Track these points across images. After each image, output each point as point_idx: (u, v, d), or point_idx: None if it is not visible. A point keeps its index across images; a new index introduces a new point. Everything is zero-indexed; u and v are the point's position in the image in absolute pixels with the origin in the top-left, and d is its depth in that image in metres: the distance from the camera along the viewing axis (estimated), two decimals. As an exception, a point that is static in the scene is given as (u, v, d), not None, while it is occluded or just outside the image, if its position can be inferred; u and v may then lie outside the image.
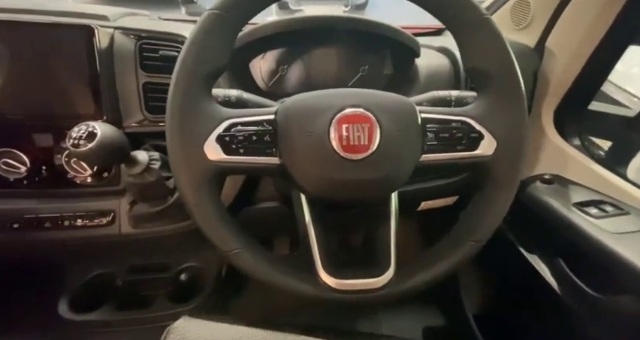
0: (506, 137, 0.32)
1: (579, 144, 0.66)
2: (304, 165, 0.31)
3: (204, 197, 0.30)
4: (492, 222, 0.34)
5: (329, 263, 0.33)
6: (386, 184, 0.32)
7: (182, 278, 0.72)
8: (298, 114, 0.31)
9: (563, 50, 0.61)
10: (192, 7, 1.43)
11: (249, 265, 0.31)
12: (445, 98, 0.42)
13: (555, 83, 0.64)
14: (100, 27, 0.45)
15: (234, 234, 0.32)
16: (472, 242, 0.34)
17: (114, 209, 0.50)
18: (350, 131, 0.30)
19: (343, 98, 0.31)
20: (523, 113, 0.32)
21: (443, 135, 0.33)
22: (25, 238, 0.49)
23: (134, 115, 0.49)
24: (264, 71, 0.59)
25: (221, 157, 0.30)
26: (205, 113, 0.31)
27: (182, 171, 0.30)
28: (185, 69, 0.30)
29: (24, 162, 0.47)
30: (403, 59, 0.60)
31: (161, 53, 0.48)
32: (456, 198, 0.76)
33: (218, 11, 0.30)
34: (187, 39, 0.31)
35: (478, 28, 0.31)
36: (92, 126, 0.35)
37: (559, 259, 0.53)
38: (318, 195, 0.33)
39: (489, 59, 0.32)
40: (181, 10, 1.34)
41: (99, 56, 0.45)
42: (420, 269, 0.34)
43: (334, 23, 0.55)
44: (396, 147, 0.31)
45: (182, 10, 1.33)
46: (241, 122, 0.31)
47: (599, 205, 0.52)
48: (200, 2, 1.57)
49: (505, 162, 0.33)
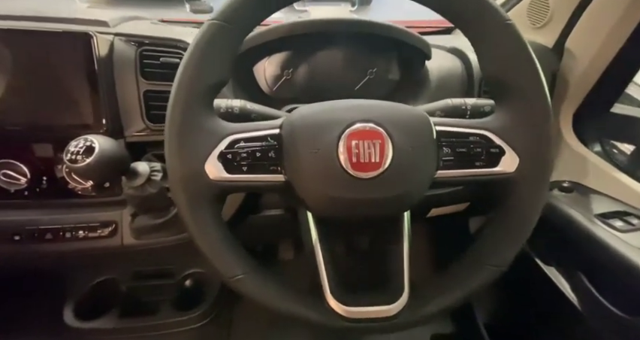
0: (530, 153, 0.30)
1: (600, 149, 0.62)
2: (311, 183, 0.29)
3: (205, 219, 0.29)
4: (514, 245, 0.31)
5: (338, 288, 0.31)
6: (398, 204, 0.30)
7: (187, 285, 0.71)
8: (304, 129, 0.29)
9: (585, 50, 0.57)
10: (197, 4, 1.41)
11: (253, 292, 0.30)
12: (459, 107, 0.40)
13: (575, 84, 0.60)
14: (99, 34, 0.43)
15: (237, 258, 0.30)
16: (493, 267, 0.31)
17: (116, 220, 0.49)
18: (360, 147, 0.28)
19: (352, 112, 0.29)
20: (548, 127, 0.30)
21: (460, 150, 0.30)
22: (27, 250, 0.48)
23: (135, 124, 0.47)
24: (269, 75, 0.58)
25: (223, 176, 0.29)
26: (206, 129, 0.29)
27: (181, 192, 0.28)
28: (185, 83, 0.28)
29: (24, 173, 0.46)
30: (413, 61, 0.58)
31: (162, 60, 0.46)
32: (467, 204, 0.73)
33: (219, 22, 0.28)
34: (187, 51, 0.29)
35: (500, 35, 0.29)
36: (90, 140, 0.34)
37: (580, 274, 0.51)
38: (325, 214, 0.31)
39: (512, 69, 0.29)
40: (185, 7, 1.32)
41: (98, 64, 0.43)
42: (436, 295, 0.32)
43: (341, 26, 0.52)
44: (410, 164, 0.29)
45: (187, 7, 1.32)
46: (244, 137, 0.29)
47: (623, 217, 0.49)
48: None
49: (529, 180, 0.30)
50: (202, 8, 1.34)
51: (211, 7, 1.23)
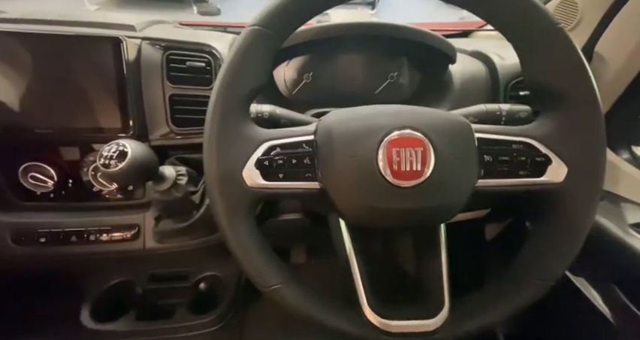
0: (579, 162, 0.28)
1: (629, 156, 0.60)
2: (347, 191, 0.28)
3: (242, 227, 0.28)
4: (565, 259, 0.30)
5: (375, 299, 0.30)
6: (438, 214, 0.29)
7: (201, 287, 0.71)
8: (341, 135, 0.28)
9: (615, 55, 0.56)
10: (204, 6, 1.42)
11: (289, 302, 0.29)
12: (494, 113, 0.39)
13: (605, 90, 0.58)
14: (127, 38, 0.43)
15: (274, 267, 0.29)
16: (540, 281, 0.30)
17: (139, 223, 0.49)
18: (401, 155, 0.27)
19: (392, 118, 0.28)
20: (601, 136, 0.28)
21: (503, 158, 0.29)
22: (51, 252, 0.48)
23: (160, 128, 0.47)
24: (289, 79, 0.57)
25: (260, 183, 0.28)
26: (243, 135, 0.28)
27: (219, 199, 0.28)
28: (225, 89, 0.28)
29: (51, 175, 0.46)
30: (436, 65, 0.57)
31: (188, 64, 0.46)
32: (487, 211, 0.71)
33: (259, 27, 0.28)
34: (227, 56, 0.28)
35: (550, 40, 0.28)
36: (123, 145, 0.34)
37: (613, 286, 0.48)
38: (360, 223, 0.30)
39: (563, 76, 0.28)
40: (193, 9, 1.33)
41: (127, 68, 0.43)
42: (478, 311, 0.30)
43: (363, 30, 0.52)
44: (452, 172, 0.28)
45: (194, 9, 1.32)
46: (280, 144, 0.29)
47: (659, 227, 0.47)
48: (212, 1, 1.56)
49: (579, 190, 0.29)
50: (209, 10, 1.35)
51: (218, 9, 1.23)
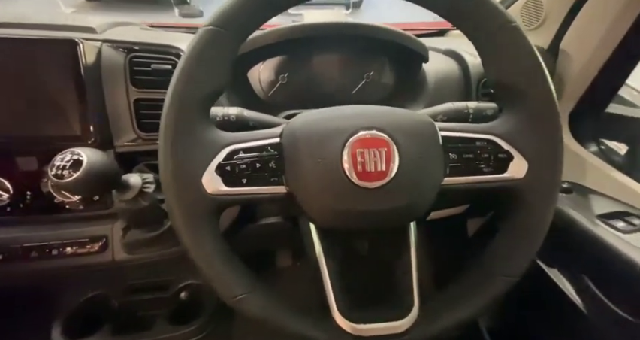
0: (539, 158, 0.29)
1: (596, 149, 0.63)
2: (314, 194, 0.27)
3: (203, 236, 0.27)
4: (527, 254, 0.30)
5: (345, 303, 0.29)
6: (406, 213, 0.29)
7: (182, 297, 0.69)
8: (306, 138, 0.28)
9: (580, 51, 0.57)
10: (186, 8, 1.39)
11: (256, 312, 0.28)
12: (462, 111, 0.39)
13: (571, 85, 0.60)
14: (85, 40, 0.41)
15: (239, 276, 0.28)
16: (505, 277, 0.30)
17: (106, 234, 0.46)
18: (365, 156, 0.26)
19: (356, 119, 0.28)
20: (557, 131, 0.29)
21: (467, 156, 0.29)
22: (11, 270, 0.45)
23: (125, 134, 0.45)
24: (264, 80, 0.56)
25: (222, 189, 0.27)
26: (203, 140, 0.27)
27: (177, 208, 0.27)
28: (179, 92, 0.27)
29: (6, 188, 0.44)
30: (410, 64, 0.57)
31: (153, 67, 0.44)
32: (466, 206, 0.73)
33: (214, 27, 0.27)
34: (181, 58, 0.27)
35: (505, 38, 0.28)
36: (78, 153, 0.32)
37: (584, 276, 0.50)
38: (329, 226, 0.29)
39: (519, 73, 0.29)
40: (174, 11, 1.30)
41: (85, 72, 0.41)
42: (447, 309, 0.30)
43: (338, 30, 0.51)
44: (417, 172, 0.28)
45: (176, 11, 1.29)
46: (243, 148, 0.28)
47: (625, 218, 0.49)
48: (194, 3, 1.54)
49: (539, 185, 0.29)
50: (191, 12, 1.32)
51: (200, 11, 1.20)
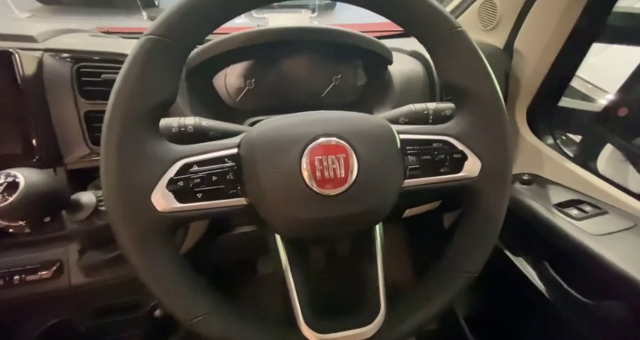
0: (490, 155, 0.30)
1: (552, 142, 0.66)
2: (275, 204, 0.27)
3: (155, 257, 0.26)
4: (484, 249, 0.31)
5: (311, 313, 0.29)
6: (368, 218, 0.29)
7: (157, 315, 0.65)
8: (263, 148, 0.27)
9: (531, 49, 0.61)
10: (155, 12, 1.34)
11: (217, 332, 0.27)
12: (422, 112, 0.40)
13: (526, 82, 0.64)
14: (21, 50, 0.38)
15: (195, 296, 0.27)
16: (465, 274, 0.31)
17: (60, 258, 0.43)
18: (324, 163, 0.26)
19: (313, 126, 0.28)
20: (504, 129, 0.30)
21: (425, 158, 0.30)
22: None
23: (77, 149, 0.42)
24: (230, 86, 0.54)
25: (175, 206, 0.26)
26: (150, 155, 0.26)
27: (124, 229, 0.25)
28: (121, 105, 0.25)
29: (-60, 215, 0.39)
30: (375, 66, 0.58)
31: (103, 77, 0.42)
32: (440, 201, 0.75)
33: (155, 36, 0.25)
34: (121, 69, 0.25)
35: (452, 43, 0.29)
36: (13, 175, 0.29)
37: (545, 263, 0.53)
38: (293, 235, 0.29)
39: (465, 75, 0.30)
40: (142, 14, 1.24)
41: (24, 85, 0.38)
42: (413, 309, 0.31)
43: (300, 35, 0.51)
44: (377, 176, 0.28)
45: (144, 14, 1.24)
46: (197, 160, 0.27)
47: (577, 205, 0.52)
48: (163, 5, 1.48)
49: (492, 183, 0.30)
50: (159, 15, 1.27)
51: None
